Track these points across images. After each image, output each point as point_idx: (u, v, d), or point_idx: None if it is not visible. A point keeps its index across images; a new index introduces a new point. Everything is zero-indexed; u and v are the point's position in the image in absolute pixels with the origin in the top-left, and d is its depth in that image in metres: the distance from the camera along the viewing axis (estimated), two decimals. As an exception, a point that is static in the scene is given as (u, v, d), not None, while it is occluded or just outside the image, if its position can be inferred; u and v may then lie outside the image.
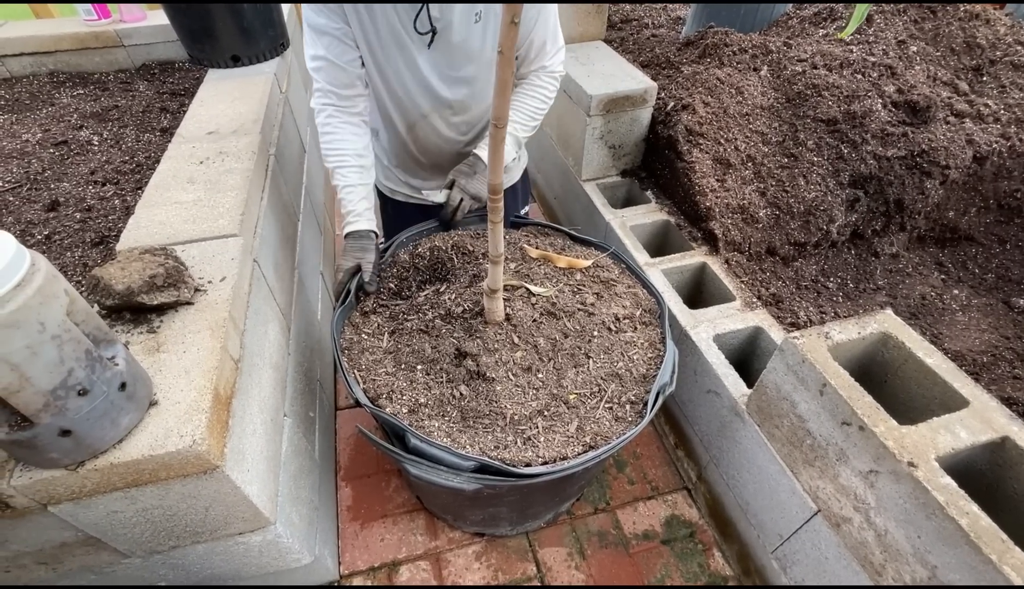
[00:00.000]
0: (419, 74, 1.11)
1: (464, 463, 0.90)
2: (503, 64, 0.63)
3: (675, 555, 1.35)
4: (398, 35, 1.06)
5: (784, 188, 1.59)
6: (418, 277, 1.24)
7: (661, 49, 2.07)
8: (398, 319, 1.15)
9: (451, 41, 1.07)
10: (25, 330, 0.56)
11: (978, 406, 0.85)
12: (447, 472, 0.90)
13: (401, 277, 1.23)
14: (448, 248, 1.25)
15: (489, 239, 0.91)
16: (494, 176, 0.80)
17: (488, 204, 0.86)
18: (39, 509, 0.73)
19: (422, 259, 1.24)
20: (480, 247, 1.26)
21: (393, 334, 1.13)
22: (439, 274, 1.24)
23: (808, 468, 1.00)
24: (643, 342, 1.13)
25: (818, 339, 0.96)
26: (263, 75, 1.67)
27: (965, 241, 1.77)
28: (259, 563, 1.03)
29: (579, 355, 1.08)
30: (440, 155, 1.29)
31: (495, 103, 0.68)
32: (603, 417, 1.00)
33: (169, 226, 1.06)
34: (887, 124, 1.58)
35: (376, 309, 1.18)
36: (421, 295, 1.18)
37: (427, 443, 0.91)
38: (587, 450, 0.94)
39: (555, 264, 1.25)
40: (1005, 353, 1.41)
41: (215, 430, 0.76)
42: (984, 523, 0.71)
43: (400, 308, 1.17)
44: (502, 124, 0.71)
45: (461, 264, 1.23)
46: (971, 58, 1.80)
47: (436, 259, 1.24)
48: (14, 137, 1.52)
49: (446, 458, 0.90)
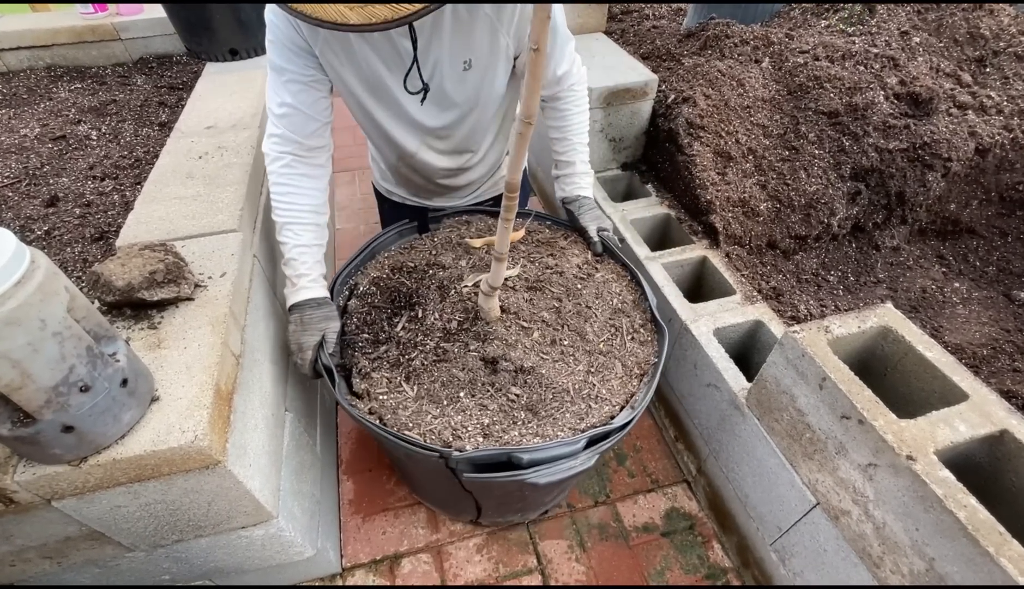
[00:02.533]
0: (411, 120, 1.09)
1: (574, 447, 0.92)
2: (536, 60, 0.63)
3: (675, 547, 1.36)
4: (387, 90, 1.02)
5: (785, 181, 1.58)
6: (383, 315, 1.13)
7: (662, 41, 2.06)
8: (402, 364, 1.04)
9: (445, 92, 1.03)
10: (26, 327, 0.56)
11: (977, 400, 0.85)
12: (569, 460, 0.92)
13: (368, 322, 1.11)
14: (388, 277, 1.18)
15: (497, 237, 0.92)
16: (514, 174, 0.80)
17: (504, 202, 0.85)
18: (43, 504, 0.73)
19: (373, 297, 1.16)
20: (417, 258, 1.22)
21: (409, 379, 1.02)
22: (398, 302, 1.15)
23: (807, 461, 1.00)
24: (612, 275, 1.24)
25: (818, 333, 0.96)
26: (261, 69, 1.66)
27: (966, 234, 1.76)
28: (262, 556, 1.03)
29: (582, 309, 1.14)
30: (434, 174, 1.27)
31: (525, 101, 0.68)
32: (634, 348, 1.10)
33: (169, 221, 1.06)
34: (889, 116, 1.57)
35: (373, 367, 1.04)
36: (398, 329, 1.08)
37: (542, 449, 0.89)
38: (641, 378, 1.06)
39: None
40: (1005, 346, 1.41)
41: (217, 425, 0.77)
42: (982, 516, 0.72)
43: (393, 353, 1.05)
44: (531, 121, 0.71)
45: (415, 283, 1.16)
46: (974, 49, 1.78)
47: (387, 289, 1.16)
48: (12, 132, 1.51)
49: (564, 451, 0.91)
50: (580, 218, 1.28)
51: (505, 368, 1.01)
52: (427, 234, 1.30)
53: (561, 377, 1.02)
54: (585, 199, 1.31)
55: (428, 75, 1.00)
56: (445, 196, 1.39)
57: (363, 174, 2.77)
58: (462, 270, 1.18)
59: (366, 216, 2.48)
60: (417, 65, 0.96)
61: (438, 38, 0.95)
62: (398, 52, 0.96)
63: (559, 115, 1.24)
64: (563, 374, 1.03)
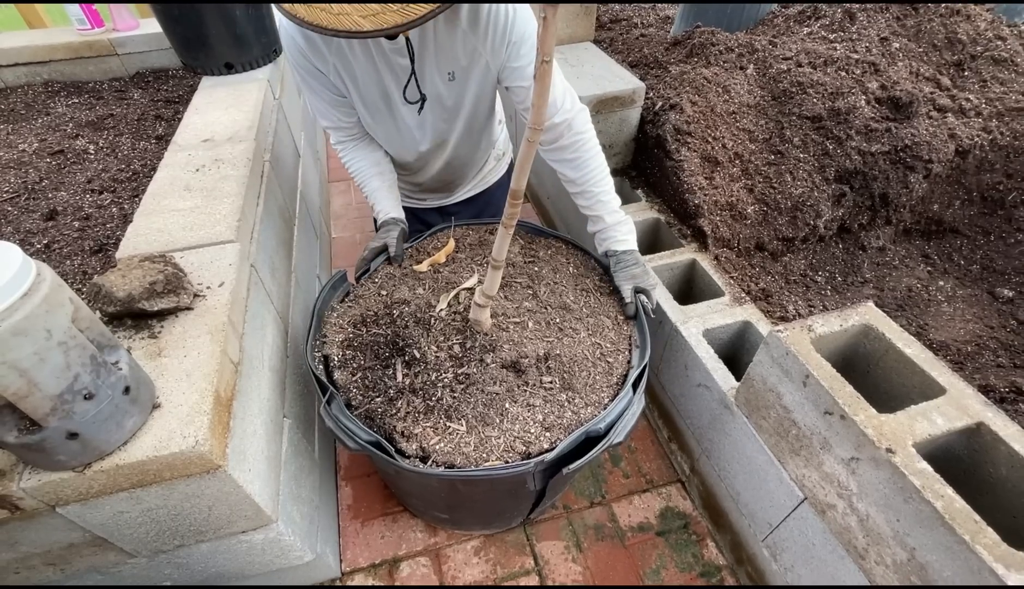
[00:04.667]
0: (408, 132, 1.22)
1: (627, 395, 1.04)
2: (544, 71, 0.67)
3: (670, 546, 1.38)
4: (389, 102, 1.14)
5: (771, 184, 1.61)
6: (377, 373, 1.05)
7: (650, 49, 2.10)
8: (434, 407, 1.00)
9: (438, 100, 1.14)
10: (33, 337, 0.58)
11: (955, 393, 0.88)
12: (630, 407, 1.03)
13: (369, 387, 1.04)
14: (356, 335, 1.12)
15: (496, 243, 0.92)
16: (519, 182, 0.82)
17: (507, 208, 0.87)
18: (48, 511, 0.75)
19: (354, 360, 1.08)
20: (372, 304, 1.18)
21: (451, 417, 0.99)
22: (384, 354, 1.08)
23: (794, 457, 1.03)
24: (551, 250, 1.34)
25: (801, 332, 0.99)
26: (257, 82, 1.69)
27: (950, 233, 1.80)
28: (262, 561, 1.05)
29: (553, 287, 1.23)
30: (433, 180, 1.41)
31: (535, 110, 0.71)
32: (606, 301, 1.23)
33: (167, 233, 1.08)
34: (871, 120, 1.61)
35: (410, 424, 0.98)
36: (400, 379, 1.03)
37: (607, 414, 1.00)
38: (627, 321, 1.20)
39: (440, 262, 1.29)
40: (989, 343, 1.45)
41: (217, 431, 0.79)
42: (958, 505, 0.74)
43: (417, 402, 1.01)
44: (539, 127, 0.74)
45: (388, 328, 1.11)
46: (952, 53, 1.83)
47: (364, 346, 1.10)
48: (11, 147, 1.53)
49: (623, 404, 1.02)
50: (615, 277, 1.23)
51: (527, 365, 1.05)
52: (365, 276, 1.26)
53: (574, 349, 1.10)
54: (623, 254, 1.23)
55: (423, 87, 1.10)
56: (439, 195, 1.52)
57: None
58: (425, 297, 1.17)
59: (361, 225, 2.51)
60: (415, 77, 1.07)
61: (428, 52, 1.04)
62: (397, 67, 1.07)
63: (573, 166, 1.19)
64: (574, 346, 1.10)
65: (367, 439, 0.94)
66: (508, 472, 0.90)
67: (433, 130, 1.21)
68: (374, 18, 0.77)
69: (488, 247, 1.32)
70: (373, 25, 0.77)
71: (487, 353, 1.06)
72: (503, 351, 1.06)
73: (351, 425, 0.96)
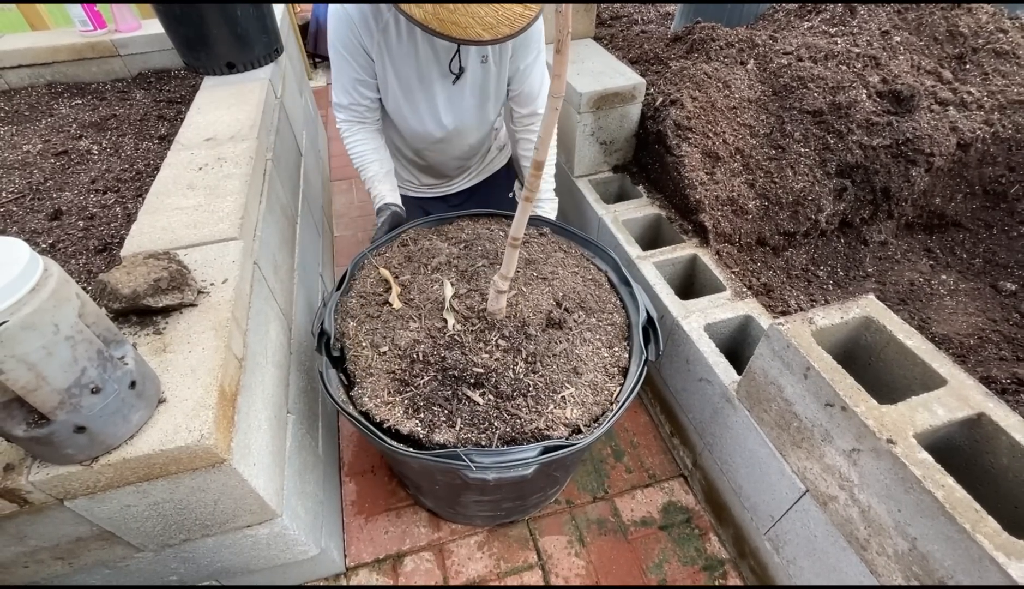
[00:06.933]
0: (435, 111, 1.34)
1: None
2: (564, 47, 0.71)
3: (672, 540, 1.38)
4: (427, 73, 1.26)
5: (772, 179, 1.62)
6: (451, 412, 1.01)
7: (650, 45, 2.10)
8: (533, 393, 1.03)
9: (474, 81, 1.31)
10: (41, 331, 0.59)
11: (955, 384, 0.88)
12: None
13: (462, 426, 0.99)
14: (409, 389, 1.04)
15: (515, 219, 0.91)
16: (542, 151, 0.81)
17: (528, 180, 0.86)
18: (56, 504, 0.76)
19: (426, 411, 1.01)
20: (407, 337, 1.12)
21: (554, 389, 1.04)
22: (444, 393, 1.03)
23: (796, 450, 1.03)
24: (551, 236, 1.43)
25: (802, 324, 0.99)
26: (258, 81, 1.70)
27: (952, 227, 1.80)
28: (267, 555, 1.06)
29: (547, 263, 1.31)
30: (443, 167, 1.57)
31: (557, 79, 0.73)
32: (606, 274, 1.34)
33: (171, 231, 1.09)
34: (872, 114, 1.61)
35: (519, 415, 1.01)
36: (480, 402, 1.02)
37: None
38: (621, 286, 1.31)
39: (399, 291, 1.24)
40: (992, 335, 1.44)
41: (222, 425, 0.79)
42: (959, 494, 0.75)
43: (508, 402, 1.02)
44: (561, 95, 0.75)
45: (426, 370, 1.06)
46: (954, 47, 1.82)
47: (428, 402, 1.02)
48: (15, 148, 1.54)
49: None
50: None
51: (557, 316, 1.14)
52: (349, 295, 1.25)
53: (569, 284, 1.25)
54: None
55: (463, 62, 1.26)
56: (444, 181, 1.67)
57: (359, 183, 2.80)
58: (426, 327, 1.13)
59: (363, 224, 2.52)
60: (459, 53, 1.24)
61: None
62: (438, 45, 1.23)
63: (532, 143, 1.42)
64: (568, 283, 1.25)
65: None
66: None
67: (459, 108, 1.35)
68: (492, 30, 0.95)
69: (420, 249, 1.35)
70: (491, 36, 0.95)
71: (524, 327, 1.11)
72: (531, 318, 1.13)
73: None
